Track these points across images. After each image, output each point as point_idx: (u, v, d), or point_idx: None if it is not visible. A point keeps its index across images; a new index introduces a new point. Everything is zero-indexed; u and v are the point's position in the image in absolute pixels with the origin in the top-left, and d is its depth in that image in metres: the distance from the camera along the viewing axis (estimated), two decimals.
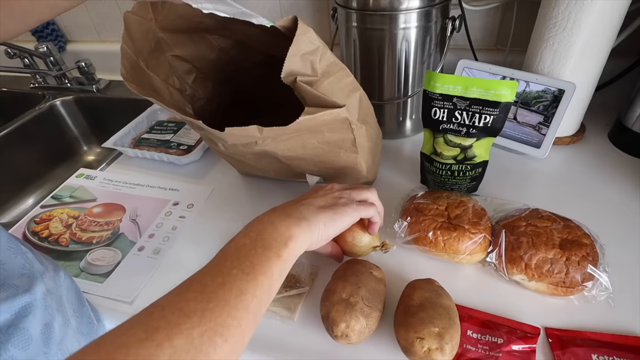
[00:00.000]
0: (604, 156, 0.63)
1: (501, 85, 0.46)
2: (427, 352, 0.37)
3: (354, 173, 0.56)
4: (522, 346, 0.40)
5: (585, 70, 0.58)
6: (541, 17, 0.58)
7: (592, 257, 0.43)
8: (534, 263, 0.43)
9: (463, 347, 0.40)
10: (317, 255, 0.51)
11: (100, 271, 0.54)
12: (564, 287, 0.42)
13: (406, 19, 0.58)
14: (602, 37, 0.55)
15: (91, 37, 1.04)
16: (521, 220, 0.47)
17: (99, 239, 0.59)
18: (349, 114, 0.45)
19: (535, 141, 0.62)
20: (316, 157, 0.51)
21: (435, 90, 0.49)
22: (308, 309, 0.46)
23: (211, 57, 0.59)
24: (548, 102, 0.59)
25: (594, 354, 0.39)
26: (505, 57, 0.75)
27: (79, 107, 0.99)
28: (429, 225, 0.47)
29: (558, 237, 0.44)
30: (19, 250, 0.38)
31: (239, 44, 0.57)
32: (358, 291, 0.41)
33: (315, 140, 0.47)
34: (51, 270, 0.42)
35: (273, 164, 0.54)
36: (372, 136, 0.53)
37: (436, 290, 0.41)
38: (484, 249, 0.46)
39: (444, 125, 0.51)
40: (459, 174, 0.54)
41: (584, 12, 0.52)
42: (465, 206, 0.49)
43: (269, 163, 0.54)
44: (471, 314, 0.43)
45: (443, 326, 0.37)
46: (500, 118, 0.48)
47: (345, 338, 0.39)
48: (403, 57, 0.61)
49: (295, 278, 0.48)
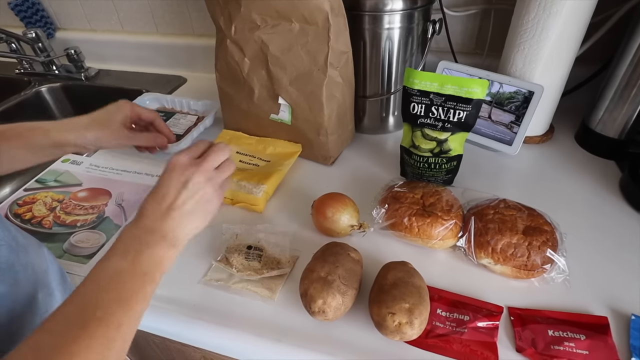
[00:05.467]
0: (569, 155, 0.67)
1: (473, 84, 0.50)
2: (398, 326, 0.39)
3: (319, 130, 0.62)
4: (486, 323, 0.43)
5: (552, 74, 0.62)
6: (514, 24, 0.62)
7: (551, 243, 0.46)
8: (499, 247, 0.47)
9: (432, 324, 0.43)
10: (299, 239, 0.54)
11: (84, 252, 0.55)
12: (526, 269, 0.46)
13: (390, 20, 0.61)
14: (568, 44, 0.59)
15: (81, 25, 1.04)
16: (490, 208, 0.50)
17: (83, 222, 0.60)
18: (331, 21, 0.53)
19: (508, 139, 0.66)
20: (295, 70, 0.59)
21: (413, 87, 0.53)
22: (289, 290, 0.48)
23: None
24: (519, 102, 0.63)
25: (550, 330, 0.42)
26: (484, 60, 0.79)
27: (66, 94, 0.99)
28: (404, 212, 0.51)
29: (522, 224, 0.48)
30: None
31: None
32: (336, 270, 0.43)
33: (299, 44, 0.57)
34: (35, 246, 0.43)
35: (262, 78, 0.62)
36: (343, 95, 0.62)
37: (409, 271, 0.44)
38: (455, 234, 0.49)
39: (421, 120, 0.54)
40: (436, 166, 0.57)
41: (550, 21, 0.56)
42: (440, 195, 0.52)
43: (259, 78, 0.62)
44: (441, 294, 0.47)
45: (413, 302, 0.40)
46: (473, 114, 0.52)
47: (322, 314, 0.42)
48: (387, 56, 0.65)
49: (276, 260, 0.51)
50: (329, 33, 0.54)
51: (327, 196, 0.53)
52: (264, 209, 0.60)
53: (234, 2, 0.57)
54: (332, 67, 0.57)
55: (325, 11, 0.53)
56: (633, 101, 0.60)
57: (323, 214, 0.51)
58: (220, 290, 0.49)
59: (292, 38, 0.56)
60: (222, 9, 0.59)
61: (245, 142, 0.70)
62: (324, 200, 0.52)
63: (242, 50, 0.61)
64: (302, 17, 0.54)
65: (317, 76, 0.57)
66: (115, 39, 1.01)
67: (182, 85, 0.97)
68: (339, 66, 0.58)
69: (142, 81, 0.97)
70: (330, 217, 0.51)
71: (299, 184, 0.64)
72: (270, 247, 0.52)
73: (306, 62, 0.57)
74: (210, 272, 0.51)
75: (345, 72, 0.60)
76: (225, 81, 0.67)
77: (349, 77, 0.62)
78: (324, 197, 0.53)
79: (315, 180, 0.65)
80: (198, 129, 0.75)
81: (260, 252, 0.51)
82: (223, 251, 0.52)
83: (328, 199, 0.52)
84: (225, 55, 0.63)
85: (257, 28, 0.57)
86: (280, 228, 0.55)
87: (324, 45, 0.55)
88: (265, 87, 0.63)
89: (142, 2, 0.95)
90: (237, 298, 0.48)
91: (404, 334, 0.40)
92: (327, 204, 0.52)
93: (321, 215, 0.51)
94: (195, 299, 0.48)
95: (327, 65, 0.56)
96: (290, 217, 0.58)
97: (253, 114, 0.67)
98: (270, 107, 0.64)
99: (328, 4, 0.52)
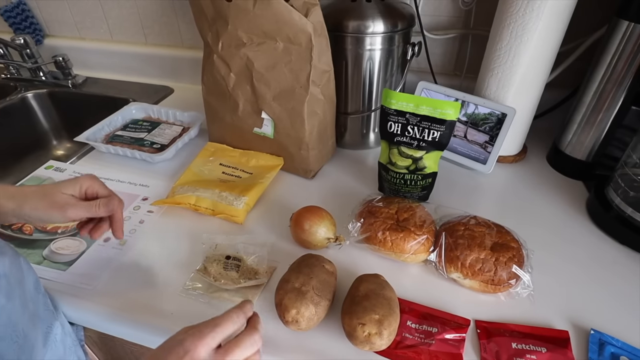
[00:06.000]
0: (541, 175, 0.71)
1: (447, 106, 0.53)
2: (367, 337, 0.41)
3: (300, 145, 0.64)
4: (453, 335, 0.45)
5: (524, 97, 0.66)
6: (488, 49, 0.65)
7: (517, 259, 0.49)
8: (468, 262, 0.49)
9: (402, 335, 0.45)
10: (278, 250, 0.55)
11: (64, 259, 0.55)
12: (493, 284, 0.48)
13: (371, 41, 0.64)
14: (538, 69, 0.63)
15: (70, 33, 1.05)
16: (460, 225, 0.53)
17: (64, 229, 0.60)
18: (314, 42, 0.56)
19: (482, 158, 0.69)
20: (278, 87, 0.61)
21: (390, 106, 0.55)
22: (265, 299, 0.49)
23: None
24: (493, 123, 0.66)
25: (514, 343, 0.44)
26: (462, 81, 0.82)
27: (52, 101, 0.99)
28: (379, 226, 0.52)
29: (490, 240, 0.50)
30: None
31: None
32: (310, 281, 0.45)
33: (283, 62, 0.59)
34: (11, 255, 0.43)
35: (247, 93, 0.64)
36: (324, 111, 0.64)
37: (381, 283, 0.46)
38: (427, 249, 0.51)
39: (398, 138, 0.57)
40: (411, 182, 0.59)
41: (522, 48, 0.60)
42: (414, 211, 0.54)
43: (244, 93, 0.64)
44: (412, 307, 0.48)
45: (383, 314, 0.42)
46: (446, 134, 0.54)
47: (295, 324, 0.43)
48: (367, 75, 0.67)
49: (254, 270, 0.52)
50: (311, 53, 0.56)
51: (305, 209, 0.55)
52: (245, 220, 0.61)
53: (222, 20, 0.59)
54: (314, 84, 0.60)
55: (308, 33, 0.55)
56: (599, 126, 0.64)
57: (301, 226, 0.53)
58: (199, 299, 0.49)
59: (276, 56, 0.59)
60: (210, 25, 0.62)
61: (229, 154, 0.72)
62: (302, 213, 0.54)
63: (229, 66, 0.63)
64: (287, 37, 0.57)
65: (300, 93, 0.60)
66: (104, 48, 1.02)
67: (169, 96, 0.98)
68: (320, 84, 0.61)
69: (130, 90, 0.98)
70: (307, 229, 0.52)
71: (280, 197, 0.66)
72: (249, 258, 0.53)
73: (289, 80, 0.60)
74: (189, 281, 0.51)
75: (327, 89, 0.63)
76: (211, 94, 0.69)
77: (330, 94, 0.64)
78: (302, 210, 0.54)
79: (296, 193, 0.66)
80: (183, 139, 0.76)
81: (239, 262, 0.52)
82: (202, 261, 0.53)
83: (306, 212, 0.54)
84: (211, 69, 0.65)
85: (244, 45, 0.59)
86: (260, 239, 0.56)
87: (307, 64, 0.57)
88: (250, 101, 0.65)
89: (132, 11, 0.96)
90: (215, 307, 0.48)
91: (373, 344, 0.41)
92: (304, 217, 0.53)
93: (299, 228, 0.53)
94: (174, 307, 0.49)
95: (310, 83, 0.59)
96: (269, 229, 0.59)
97: (237, 127, 0.68)
98: (254, 121, 0.66)
99: (311, 26, 0.55)
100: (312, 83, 0.59)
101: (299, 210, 0.55)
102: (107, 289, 0.51)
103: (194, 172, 0.68)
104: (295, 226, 0.54)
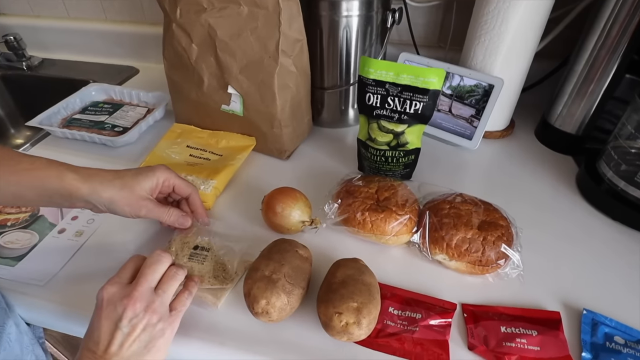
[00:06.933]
0: (529, 150, 0.67)
1: (430, 73, 0.48)
2: (345, 326, 0.37)
3: (272, 122, 0.59)
4: (439, 321, 0.41)
5: (513, 67, 0.62)
6: (475, 14, 0.61)
7: (506, 238, 0.45)
8: (454, 243, 0.45)
9: (383, 322, 0.41)
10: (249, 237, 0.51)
11: (13, 254, 0.50)
12: (481, 265, 0.45)
13: (348, 6, 0.58)
14: (527, 36, 0.59)
15: (23, 10, 0.96)
16: (446, 203, 0.49)
17: (14, 221, 0.55)
18: (282, 5, 0.50)
19: (468, 133, 0.65)
20: (245, 58, 0.55)
21: (369, 76, 0.50)
22: (233, 290, 0.45)
23: None
24: (479, 96, 0.62)
25: (503, 326, 0.41)
26: (446, 53, 0.78)
27: (6, 85, 0.91)
28: (358, 206, 0.48)
29: (477, 219, 0.46)
30: None
31: None
32: (281, 269, 0.40)
33: (249, 29, 0.53)
34: None
35: (211, 66, 0.58)
36: (297, 85, 0.59)
37: (359, 268, 0.42)
38: (410, 230, 0.48)
39: (377, 111, 0.52)
40: (393, 160, 0.55)
41: (510, 12, 0.56)
42: (395, 190, 0.50)
43: (208, 66, 0.58)
44: (394, 292, 0.44)
45: (362, 301, 0.38)
46: (430, 105, 0.50)
47: (265, 315, 0.39)
48: (345, 45, 0.62)
49: (223, 266, 0.46)
50: (279, 17, 0.51)
51: (278, 191, 0.50)
52: (213, 205, 0.56)
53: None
54: (285, 55, 0.54)
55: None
56: (590, 97, 0.60)
57: (273, 209, 0.48)
58: None
59: (241, 22, 0.53)
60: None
61: (197, 135, 0.66)
62: (274, 195, 0.49)
63: (189, 35, 0.57)
64: (252, 0, 0.51)
65: (269, 64, 0.54)
66: (60, 26, 0.93)
67: (134, 76, 0.91)
68: (292, 54, 0.55)
69: (91, 71, 0.91)
70: (279, 212, 0.48)
71: (252, 180, 0.61)
72: (219, 251, 0.48)
73: (256, 49, 0.54)
74: None
75: (300, 61, 0.57)
76: (174, 69, 0.63)
77: (303, 66, 0.59)
78: (274, 192, 0.50)
79: (270, 175, 0.61)
80: (147, 121, 0.70)
81: (206, 254, 0.47)
82: (168, 240, 0.48)
83: (278, 193, 0.49)
84: (172, 40, 0.59)
85: (204, 11, 0.54)
86: (237, 232, 0.52)
87: (275, 31, 0.52)
88: (215, 75, 0.59)
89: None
90: None
91: (352, 334, 0.37)
92: (277, 199, 0.49)
93: (271, 211, 0.48)
94: None
95: (279, 52, 0.53)
96: (240, 214, 0.55)
97: (203, 105, 0.63)
98: (221, 97, 0.60)
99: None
100: (282, 53, 0.53)
101: (271, 192, 0.50)
102: (61, 285, 0.47)
103: (158, 156, 0.63)
104: (267, 210, 0.49)
